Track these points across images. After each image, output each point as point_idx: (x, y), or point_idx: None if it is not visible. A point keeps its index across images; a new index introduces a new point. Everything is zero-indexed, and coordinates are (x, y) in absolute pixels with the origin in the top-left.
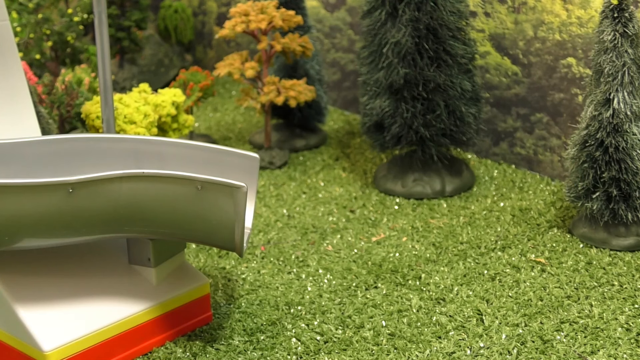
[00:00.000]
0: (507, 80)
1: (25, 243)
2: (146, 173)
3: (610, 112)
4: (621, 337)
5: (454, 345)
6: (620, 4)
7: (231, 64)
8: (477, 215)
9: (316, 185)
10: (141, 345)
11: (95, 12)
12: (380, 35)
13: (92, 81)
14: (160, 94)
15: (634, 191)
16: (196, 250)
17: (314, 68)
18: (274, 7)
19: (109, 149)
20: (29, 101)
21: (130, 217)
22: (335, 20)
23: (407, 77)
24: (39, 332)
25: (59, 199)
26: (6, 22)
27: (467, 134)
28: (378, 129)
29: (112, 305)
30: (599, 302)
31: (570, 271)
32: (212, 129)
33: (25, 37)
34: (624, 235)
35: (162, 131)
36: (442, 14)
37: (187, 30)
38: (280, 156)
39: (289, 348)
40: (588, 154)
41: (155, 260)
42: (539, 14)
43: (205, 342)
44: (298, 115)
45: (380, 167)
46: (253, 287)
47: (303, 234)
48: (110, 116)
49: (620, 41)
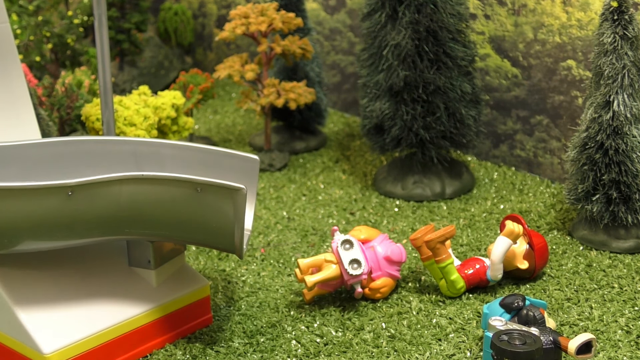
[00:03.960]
0: (507, 82)
1: (25, 246)
2: (146, 175)
3: (610, 115)
4: (621, 340)
5: (454, 347)
6: (620, 6)
7: (231, 66)
8: (477, 217)
9: (316, 187)
10: (141, 347)
11: (95, 15)
12: (380, 38)
13: (92, 83)
14: (160, 96)
15: (634, 194)
16: (196, 253)
17: (314, 70)
18: (274, 10)
19: (108, 152)
20: (29, 103)
21: (130, 220)
22: (335, 22)
23: (407, 80)
24: (39, 334)
25: (58, 202)
26: (6, 25)
27: (467, 137)
28: (378, 131)
29: (112, 307)
30: (599, 304)
31: (570, 273)
32: (212, 131)
33: (25, 40)
34: (624, 237)
35: (162, 133)
36: (442, 16)
37: (187, 32)
38: (280, 158)
39: (289, 350)
40: (588, 156)
41: (155, 262)
42: (539, 16)
43: (205, 345)
44: (298, 117)
45: (380, 170)
46: (253, 290)
47: (303, 236)
48: (110, 118)
49: (620, 43)
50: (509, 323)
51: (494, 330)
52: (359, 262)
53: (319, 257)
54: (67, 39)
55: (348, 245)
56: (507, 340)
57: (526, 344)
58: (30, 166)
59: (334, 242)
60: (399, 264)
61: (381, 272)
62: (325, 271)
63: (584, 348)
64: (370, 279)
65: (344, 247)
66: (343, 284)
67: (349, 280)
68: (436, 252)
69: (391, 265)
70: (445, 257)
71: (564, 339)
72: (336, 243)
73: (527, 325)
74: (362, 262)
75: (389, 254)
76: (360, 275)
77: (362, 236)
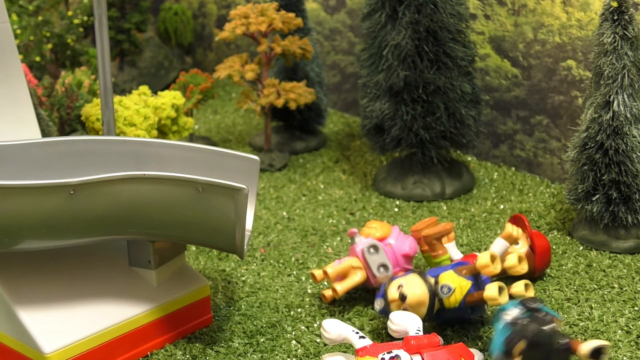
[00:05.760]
0: (507, 82)
1: (26, 245)
2: (147, 175)
3: (610, 115)
4: (621, 340)
5: None
6: (620, 6)
7: (231, 66)
8: (477, 217)
9: (316, 187)
10: (141, 347)
11: (95, 15)
12: (380, 38)
13: (92, 83)
14: (160, 97)
15: (634, 194)
16: (196, 253)
17: (314, 70)
18: (274, 10)
19: (109, 151)
20: (29, 103)
21: (131, 219)
22: (335, 22)
23: (407, 80)
24: (40, 334)
25: (60, 201)
26: (6, 25)
27: (467, 137)
28: (378, 131)
29: (112, 307)
30: (599, 304)
31: (570, 273)
32: (212, 131)
33: (25, 40)
34: (623, 237)
35: (162, 133)
36: (442, 16)
37: (187, 32)
38: (280, 158)
39: (289, 350)
40: (588, 156)
41: (156, 262)
42: (539, 16)
43: (205, 345)
44: (298, 117)
45: (380, 170)
46: (253, 290)
47: (303, 236)
48: (111, 118)
49: (620, 44)
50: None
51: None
52: (386, 266)
53: (345, 265)
54: (67, 39)
55: (373, 250)
56: (523, 324)
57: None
58: (30, 166)
59: (357, 245)
60: (413, 258)
61: (399, 267)
62: (352, 278)
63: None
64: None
65: (369, 252)
66: (366, 285)
67: (377, 283)
68: (432, 248)
69: (408, 261)
70: (442, 253)
71: (575, 342)
72: (360, 247)
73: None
74: (389, 266)
75: (407, 251)
76: (386, 277)
77: (378, 234)
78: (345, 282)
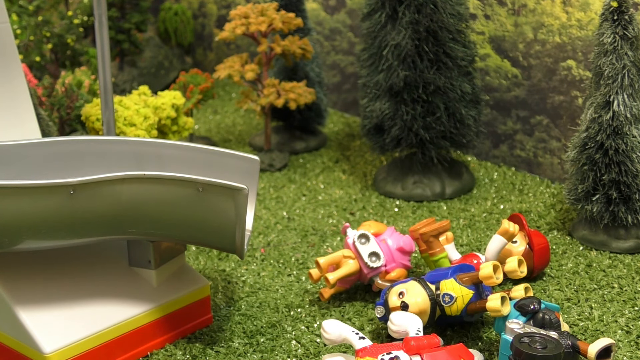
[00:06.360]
0: (507, 82)
1: (26, 245)
2: (147, 175)
3: (610, 115)
4: (621, 340)
5: None
6: (620, 6)
7: (231, 66)
8: (477, 217)
9: (316, 187)
10: (141, 347)
11: (95, 15)
12: (380, 38)
13: (92, 83)
14: (160, 97)
15: (634, 194)
16: (196, 253)
17: (314, 70)
18: (274, 10)
19: (109, 151)
20: (29, 103)
21: (131, 219)
22: (335, 22)
23: (407, 80)
24: (40, 334)
25: (60, 201)
26: (6, 25)
27: (467, 137)
28: (378, 131)
29: (112, 307)
30: (599, 304)
31: (570, 273)
32: (212, 132)
33: (25, 40)
34: (623, 237)
35: (162, 133)
36: (442, 16)
37: (187, 32)
38: (280, 158)
39: (289, 350)
40: (588, 156)
41: (156, 262)
42: (539, 16)
43: (205, 345)
44: (298, 117)
45: (380, 170)
46: (253, 290)
47: (303, 236)
48: (111, 118)
49: (620, 44)
50: (527, 326)
51: (512, 333)
52: (377, 254)
53: (337, 254)
54: (67, 39)
55: (364, 239)
56: (528, 344)
57: (547, 349)
58: (30, 166)
59: (348, 237)
60: (409, 254)
61: (395, 263)
62: (344, 267)
63: (603, 353)
64: (385, 272)
65: (360, 242)
66: (360, 279)
67: (369, 273)
68: (430, 246)
69: (404, 256)
70: (439, 251)
71: (583, 343)
72: (352, 238)
73: (544, 328)
74: (381, 255)
75: (401, 245)
76: (379, 268)
77: (372, 231)
78: (337, 272)
